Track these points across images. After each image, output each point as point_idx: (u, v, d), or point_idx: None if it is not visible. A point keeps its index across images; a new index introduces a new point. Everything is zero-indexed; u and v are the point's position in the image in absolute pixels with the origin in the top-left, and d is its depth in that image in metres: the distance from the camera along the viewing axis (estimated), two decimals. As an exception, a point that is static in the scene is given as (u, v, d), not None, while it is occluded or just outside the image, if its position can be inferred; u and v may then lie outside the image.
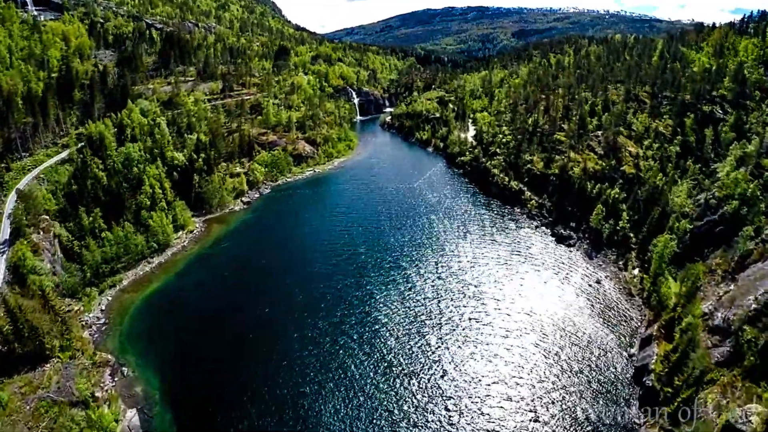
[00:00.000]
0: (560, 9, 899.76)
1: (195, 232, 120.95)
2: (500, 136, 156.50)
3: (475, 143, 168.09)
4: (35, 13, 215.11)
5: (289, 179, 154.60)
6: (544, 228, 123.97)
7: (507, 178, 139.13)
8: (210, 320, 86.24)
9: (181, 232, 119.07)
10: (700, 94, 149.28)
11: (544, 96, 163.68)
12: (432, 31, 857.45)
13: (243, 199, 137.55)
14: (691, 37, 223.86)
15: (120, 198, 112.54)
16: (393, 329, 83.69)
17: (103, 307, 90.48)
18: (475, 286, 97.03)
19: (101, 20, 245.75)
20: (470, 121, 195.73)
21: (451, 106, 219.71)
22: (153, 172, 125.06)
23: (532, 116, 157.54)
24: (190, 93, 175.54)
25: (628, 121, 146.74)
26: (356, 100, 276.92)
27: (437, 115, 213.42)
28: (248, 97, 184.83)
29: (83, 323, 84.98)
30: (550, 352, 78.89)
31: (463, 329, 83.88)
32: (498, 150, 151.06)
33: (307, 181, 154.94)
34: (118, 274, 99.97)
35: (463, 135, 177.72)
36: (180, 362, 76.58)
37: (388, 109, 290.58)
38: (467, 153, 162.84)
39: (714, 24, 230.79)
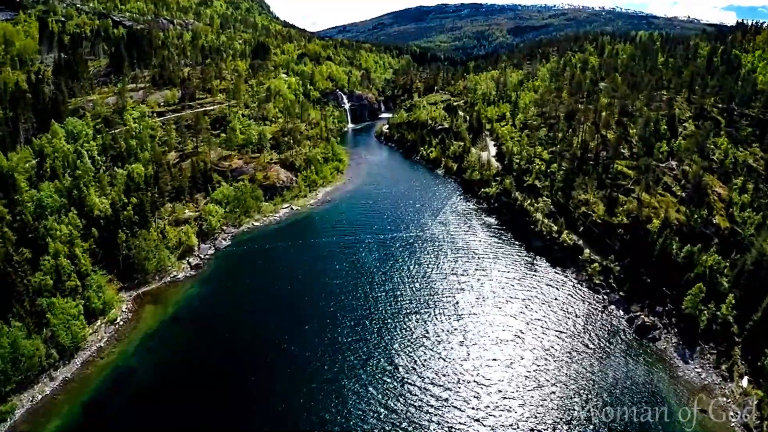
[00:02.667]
0: (555, 6, 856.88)
1: (119, 319, 79.03)
2: (538, 161, 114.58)
3: (500, 167, 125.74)
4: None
5: (256, 223, 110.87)
6: (614, 308, 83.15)
7: (555, 227, 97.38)
8: None
9: (99, 322, 77.30)
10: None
11: (592, 107, 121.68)
12: (426, 29, 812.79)
13: (191, 260, 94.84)
14: (735, 37, 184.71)
15: (6, 278, 70.61)
16: None
17: (-13, 462, 51.67)
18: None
19: (62, 19, 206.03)
20: (487, 133, 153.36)
21: (461, 114, 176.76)
22: (62, 230, 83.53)
23: (578, 135, 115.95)
24: (140, 104, 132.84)
25: (707, 149, 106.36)
26: (347, 106, 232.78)
27: (445, 125, 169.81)
28: (212, 108, 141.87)
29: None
30: None
31: None
32: (538, 183, 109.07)
33: (280, 227, 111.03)
34: (10, 400, 61.88)
35: (484, 155, 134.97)
36: None
37: (383, 115, 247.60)
38: (493, 183, 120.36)
39: (757, 24, 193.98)
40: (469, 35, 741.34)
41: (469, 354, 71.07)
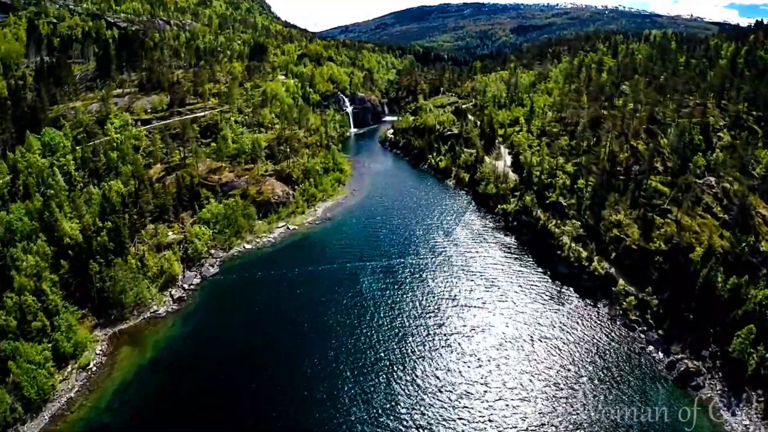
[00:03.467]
0: (558, 5, 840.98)
1: (92, 364, 68.34)
2: (561, 174, 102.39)
3: (518, 180, 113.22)
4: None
5: (248, 246, 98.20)
6: (652, 349, 71.44)
7: (584, 253, 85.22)
8: None
9: (69, 367, 67.15)
10: None
11: (618, 114, 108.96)
12: (428, 28, 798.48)
13: (173, 291, 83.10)
14: (757, 37, 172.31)
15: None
16: None
17: None
18: None
19: (54, 20, 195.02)
20: (500, 140, 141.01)
21: (471, 118, 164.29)
22: (29, 261, 73.21)
23: (605, 145, 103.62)
24: (124, 112, 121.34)
25: (747, 164, 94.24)
26: (349, 109, 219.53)
27: (455, 131, 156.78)
28: (203, 114, 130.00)
29: None
30: None
31: None
32: (562, 200, 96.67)
33: (274, 251, 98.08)
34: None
35: (499, 165, 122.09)
36: None
37: (387, 118, 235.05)
38: (511, 198, 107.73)
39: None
40: (472, 35, 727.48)
41: (493, 414, 59.39)
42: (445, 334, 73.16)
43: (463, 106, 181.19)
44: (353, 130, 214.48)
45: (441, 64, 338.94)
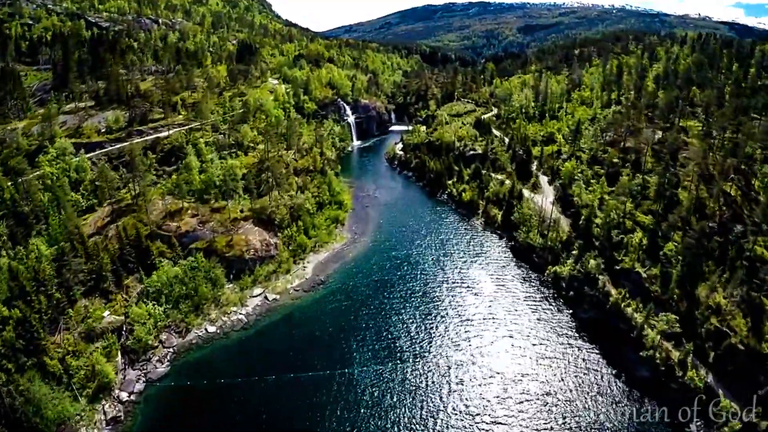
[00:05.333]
0: (564, 4, 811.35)
1: None
2: (634, 228, 74.54)
3: (570, 230, 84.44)
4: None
5: (211, 327, 69.05)
6: None
7: (677, 355, 57.69)
8: None
9: None
10: None
11: (701, 144, 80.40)
12: (433, 28, 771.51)
13: (107, 406, 56.13)
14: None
15: None
16: None
17: None
18: None
19: (29, 21, 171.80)
20: (536, 164, 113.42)
21: (497, 133, 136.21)
22: None
23: (689, 189, 75.65)
24: (73, 132, 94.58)
25: None
26: (351, 119, 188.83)
27: (478, 149, 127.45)
28: (166, 134, 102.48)
29: None
30: None
31: None
32: (640, 268, 68.45)
33: (245, 338, 68.30)
34: None
35: (545, 204, 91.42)
36: None
37: (395, 127, 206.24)
38: (563, 259, 78.46)
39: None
40: (479, 34, 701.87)
41: None
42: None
43: (485, 117, 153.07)
44: (356, 143, 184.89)
45: (452, 66, 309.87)
